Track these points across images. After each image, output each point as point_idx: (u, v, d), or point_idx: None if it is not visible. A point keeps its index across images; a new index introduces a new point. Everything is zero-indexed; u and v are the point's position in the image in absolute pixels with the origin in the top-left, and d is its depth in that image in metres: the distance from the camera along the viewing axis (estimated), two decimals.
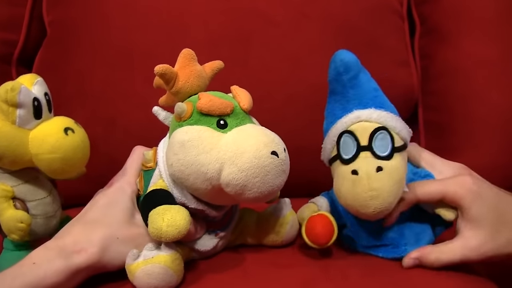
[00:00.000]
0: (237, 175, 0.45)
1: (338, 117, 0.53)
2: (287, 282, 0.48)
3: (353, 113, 0.52)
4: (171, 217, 0.44)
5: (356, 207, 0.49)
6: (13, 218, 0.48)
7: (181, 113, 0.48)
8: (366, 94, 0.53)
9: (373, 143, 0.50)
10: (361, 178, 0.48)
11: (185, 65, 0.51)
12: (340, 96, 0.53)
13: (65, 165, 0.48)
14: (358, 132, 0.51)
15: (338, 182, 0.51)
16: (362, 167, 0.48)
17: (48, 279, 0.43)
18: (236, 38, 0.80)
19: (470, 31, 0.85)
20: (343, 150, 0.51)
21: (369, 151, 0.50)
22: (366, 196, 0.47)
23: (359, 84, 0.53)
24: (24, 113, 0.47)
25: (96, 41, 0.81)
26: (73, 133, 0.49)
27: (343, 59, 0.52)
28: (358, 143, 0.50)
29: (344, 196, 0.49)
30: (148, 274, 0.45)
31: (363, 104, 0.52)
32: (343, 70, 0.52)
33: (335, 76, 0.53)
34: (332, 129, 0.53)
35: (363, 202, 0.48)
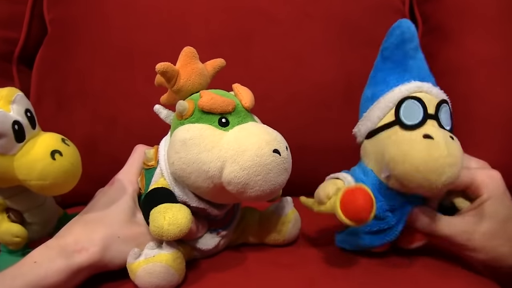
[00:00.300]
0: (238, 173, 0.44)
1: (393, 85, 0.50)
2: (289, 281, 0.48)
3: (413, 83, 0.49)
4: (173, 216, 0.44)
5: (427, 174, 0.44)
6: (8, 233, 0.48)
7: (182, 111, 0.48)
8: (424, 69, 0.51)
9: (439, 114, 0.48)
10: (438, 143, 0.44)
11: (187, 63, 0.51)
12: (397, 64, 0.50)
13: (57, 189, 0.46)
14: (425, 100, 0.48)
15: (402, 148, 0.46)
16: (437, 133, 0.45)
17: (49, 279, 0.42)
18: (238, 37, 0.79)
19: (473, 29, 0.85)
20: (405, 116, 0.48)
21: (435, 120, 0.47)
22: (444, 162, 0.43)
23: (419, 57, 0.51)
24: (4, 141, 0.43)
25: (97, 40, 0.80)
26: (61, 157, 0.45)
27: (410, 27, 0.50)
28: (425, 110, 0.47)
29: (415, 161, 0.44)
30: (150, 273, 0.44)
31: (421, 77, 0.50)
32: (409, 37, 0.50)
33: (398, 42, 0.50)
34: (385, 95, 0.50)
35: (440, 168, 0.43)
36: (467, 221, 0.50)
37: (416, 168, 0.44)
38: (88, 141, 0.76)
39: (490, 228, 0.49)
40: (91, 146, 0.76)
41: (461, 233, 0.49)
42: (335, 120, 0.78)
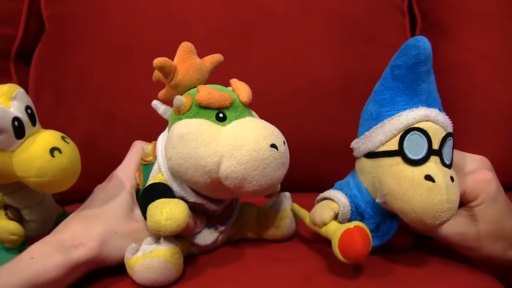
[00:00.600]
0: (236, 168, 0.44)
1: (401, 109, 0.48)
2: (287, 276, 0.48)
3: (420, 110, 0.47)
4: (170, 211, 0.44)
5: (424, 217, 0.44)
6: (4, 230, 0.48)
7: (180, 106, 0.48)
8: (433, 93, 0.49)
9: (443, 149, 0.46)
10: (439, 188, 0.44)
11: (184, 58, 0.50)
12: (407, 85, 0.47)
13: (56, 186, 0.46)
14: (430, 133, 0.46)
15: (403, 186, 0.45)
16: (439, 175, 0.44)
17: (46, 274, 0.42)
18: (237, 33, 0.79)
19: (471, 25, 0.85)
20: (409, 148, 0.46)
21: (438, 156, 0.46)
22: (441, 208, 0.43)
23: (431, 80, 0.48)
24: (4, 137, 0.43)
25: (95, 36, 0.80)
26: (60, 154, 0.44)
27: (427, 48, 0.46)
28: (430, 145, 0.46)
29: (413, 203, 0.44)
30: (147, 268, 0.44)
31: (429, 102, 0.48)
32: (424, 59, 0.46)
33: (412, 64, 0.46)
34: (391, 119, 0.48)
35: (436, 214, 0.44)
36: (460, 223, 0.50)
37: (413, 209, 0.44)
38: (87, 137, 0.76)
39: (483, 229, 0.50)
40: (90, 143, 0.76)
41: (455, 234, 0.50)
42: (334, 117, 0.78)
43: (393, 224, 0.51)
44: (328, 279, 0.47)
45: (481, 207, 0.49)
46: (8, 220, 0.49)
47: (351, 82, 0.78)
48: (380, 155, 0.48)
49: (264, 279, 0.48)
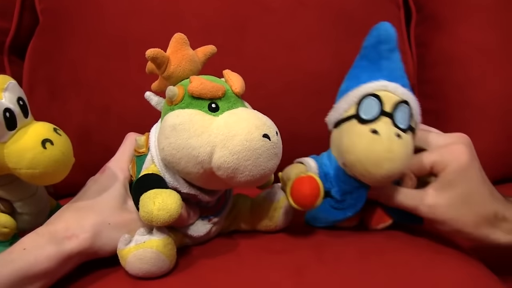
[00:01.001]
0: (228, 158, 0.44)
1: (363, 82, 0.53)
2: (280, 266, 0.48)
3: (380, 82, 0.52)
4: (162, 201, 0.44)
5: (367, 166, 0.48)
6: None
7: (172, 97, 0.48)
8: (396, 70, 0.53)
9: (395, 112, 0.50)
10: (381, 138, 0.48)
11: (177, 49, 0.50)
12: (371, 63, 0.54)
13: (47, 178, 0.46)
14: (384, 98, 0.51)
15: (352, 139, 0.50)
16: (384, 129, 0.49)
17: (39, 265, 0.42)
18: (232, 25, 0.79)
19: (466, 18, 0.85)
20: (363, 110, 0.51)
21: (390, 118, 0.50)
22: (383, 156, 0.48)
23: (393, 59, 0.53)
24: None
25: (89, 29, 0.80)
26: (52, 146, 0.44)
27: (388, 29, 0.53)
28: (382, 107, 0.50)
29: (358, 152, 0.49)
30: (140, 258, 0.44)
31: (391, 78, 0.52)
32: (384, 39, 0.53)
33: (374, 43, 0.53)
34: (353, 90, 0.53)
35: (378, 162, 0.48)
36: (429, 195, 0.51)
37: (358, 159, 0.49)
38: (81, 130, 0.76)
39: (452, 200, 0.50)
40: (85, 136, 0.76)
41: (424, 206, 0.51)
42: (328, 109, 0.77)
43: (361, 195, 0.53)
44: (322, 270, 0.47)
45: (450, 176, 0.50)
46: (0, 212, 0.49)
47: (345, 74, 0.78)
48: (342, 121, 0.53)
49: (258, 270, 0.48)
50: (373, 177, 0.49)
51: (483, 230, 0.51)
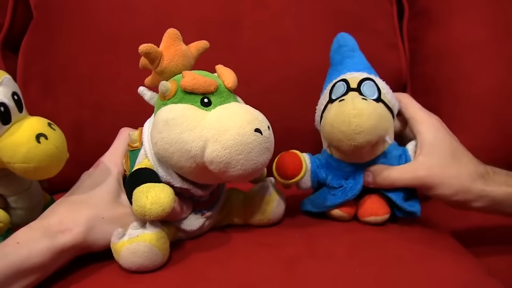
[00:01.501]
0: (220, 152, 0.45)
1: (334, 79, 0.59)
2: (272, 260, 0.48)
3: (347, 74, 0.59)
4: (155, 195, 0.44)
5: (339, 125, 0.51)
6: None
7: (165, 92, 0.48)
8: (360, 64, 0.60)
9: (362, 87, 0.56)
10: (346, 101, 0.52)
11: (170, 44, 0.50)
12: (337, 65, 0.61)
13: (41, 173, 0.46)
14: (350, 80, 0.57)
15: (325, 115, 0.55)
16: (349, 96, 0.54)
17: (32, 259, 0.42)
18: (226, 20, 0.79)
19: (459, 13, 0.85)
20: (334, 93, 0.57)
21: (356, 91, 0.55)
22: (349, 113, 0.51)
23: (356, 56, 0.61)
24: None
25: (83, 25, 0.80)
26: (46, 140, 0.45)
27: (344, 36, 0.63)
28: (348, 86, 0.56)
29: (330, 118, 0.53)
30: (133, 252, 0.45)
31: (356, 70, 0.59)
32: (343, 42, 0.62)
33: (335, 48, 0.63)
34: (326, 88, 0.60)
35: (346, 119, 0.51)
36: (419, 161, 0.55)
37: (331, 124, 0.53)
38: (75, 126, 0.76)
39: (442, 159, 0.55)
40: (78, 131, 0.76)
41: (420, 172, 0.54)
42: None
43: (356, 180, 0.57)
44: (315, 263, 0.48)
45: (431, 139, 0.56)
46: None
47: None
48: (323, 112, 0.57)
49: (251, 264, 0.48)
50: (348, 137, 0.51)
51: (479, 183, 0.54)
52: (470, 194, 0.54)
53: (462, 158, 0.56)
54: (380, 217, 0.56)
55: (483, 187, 0.54)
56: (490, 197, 0.54)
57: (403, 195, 0.57)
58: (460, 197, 0.54)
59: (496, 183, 0.54)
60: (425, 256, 0.50)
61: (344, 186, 0.57)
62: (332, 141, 0.54)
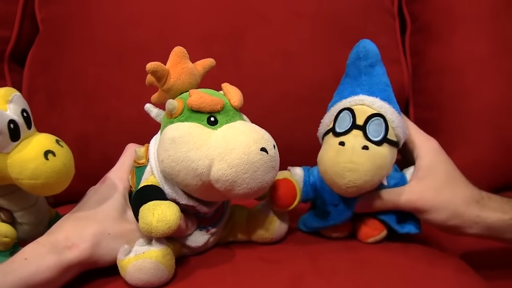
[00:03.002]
0: (226, 171, 0.45)
1: (344, 97, 0.56)
2: (276, 277, 0.49)
3: (358, 96, 0.54)
4: (162, 212, 0.45)
5: (332, 176, 0.51)
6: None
7: (172, 110, 0.48)
8: (376, 84, 0.55)
9: (368, 126, 0.52)
10: (345, 149, 0.50)
11: (177, 62, 0.51)
12: (352, 79, 0.56)
13: (48, 189, 0.46)
14: (357, 112, 0.53)
15: (323, 150, 0.53)
16: (350, 141, 0.51)
17: (40, 275, 0.43)
18: (229, 35, 0.80)
19: (461, 28, 0.86)
20: (338, 124, 0.54)
21: (361, 131, 0.52)
22: (344, 166, 0.50)
23: (374, 73, 0.55)
24: (0, 139, 0.44)
25: (88, 38, 0.81)
26: (54, 157, 0.45)
27: (366, 46, 0.55)
28: (354, 120, 0.53)
29: (325, 162, 0.52)
30: (139, 269, 0.45)
31: (370, 92, 0.55)
32: (363, 56, 0.55)
33: (353, 60, 0.56)
34: (335, 105, 0.56)
35: (340, 172, 0.50)
36: (413, 185, 0.55)
37: (325, 169, 0.52)
38: (79, 139, 0.77)
39: (436, 183, 0.54)
40: (83, 144, 0.77)
41: (412, 196, 0.54)
42: None
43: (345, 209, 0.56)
44: (318, 280, 0.48)
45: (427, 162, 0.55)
46: (0, 222, 0.49)
47: None
48: (325, 135, 0.56)
49: (255, 280, 0.48)
50: (339, 187, 0.51)
51: (473, 209, 0.53)
52: (464, 219, 0.53)
53: (457, 182, 0.55)
54: (378, 236, 0.56)
55: (478, 213, 0.53)
56: (486, 223, 0.53)
57: (396, 217, 0.56)
58: (454, 222, 0.53)
59: (491, 209, 0.53)
60: (428, 275, 0.50)
61: (333, 212, 0.56)
62: (325, 181, 0.53)
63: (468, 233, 0.54)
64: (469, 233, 0.54)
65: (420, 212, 0.54)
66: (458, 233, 0.55)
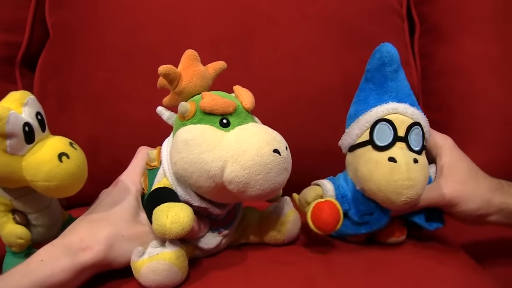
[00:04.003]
0: (239, 172, 0.45)
1: (372, 105, 0.54)
2: (290, 278, 0.49)
3: (390, 104, 0.53)
4: (175, 214, 0.45)
5: (388, 194, 0.50)
6: (12, 234, 0.49)
7: (184, 112, 0.49)
8: (403, 90, 0.54)
9: (409, 136, 0.52)
10: (399, 166, 0.49)
11: (189, 65, 0.51)
12: (377, 85, 0.54)
13: (62, 191, 0.47)
14: (396, 123, 0.52)
15: (370, 168, 0.51)
16: (400, 156, 0.50)
17: (55, 277, 0.43)
18: (238, 38, 0.80)
19: (469, 30, 0.86)
20: (377, 137, 0.52)
21: (404, 142, 0.52)
22: (402, 184, 0.49)
23: (399, 78, 0.54)
24: (15, 141, 0.44)
25: (98, 43, 0.81)
26: (68, 159, 0.46)
27: (390, 51, 0.53)
28: (395, 132, 0.52)
29: (377, 181, 0.50)
30: (153, 270, 0.45)
31: (399, 98, 0.54)
32: (388, 61, 0.53)
33: (378, 66, 0.54)
34: (364, 115, 0.54)
35: (398, 190, 0.49)
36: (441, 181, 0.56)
37: (378, 188, 0.50)
38: (90, 142, 0.77)
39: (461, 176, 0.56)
40: (93, 148, 0.77)
41: (445, 190, 0.55)
42: (333, 121, 0.78)
43: (381, 216, 0.55)
44: (331, 281, 0.48)
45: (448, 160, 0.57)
46: (15, 224, 0.50)
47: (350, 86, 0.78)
48: (357, 146, 0.54)
49: (267, 281, 0.49)
50: (394, 204, 0.50)
51: (498, 196, 0.55)
52: (491, 207, 0.55)
53: (478, 174, 0.57)
54: (402, 238, 0.57)
55: (503, 199, 0.55)
56: (510, 208, 0.55)
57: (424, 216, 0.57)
58: (483, 211, 0.55)
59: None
60: (440, 276, 0.50)
61: (370, 220, 0.55)
62: (375, 199, 0.52)
63: (492, 220, 0.56)
64: (493, 221, 0.56)
65: (452, 205, 0.55)
66: (483, 222, 0.57)
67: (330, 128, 0.78)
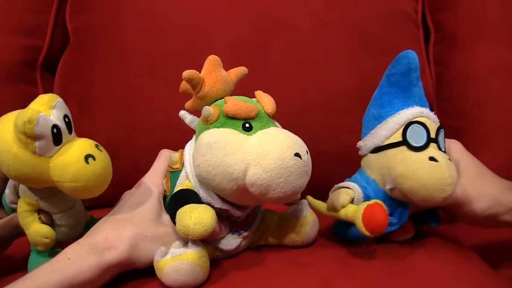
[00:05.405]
0: (261, 175, 0.46)
1: (399, 109, 0.56)
2: (308, 279, 0.49)
3: (416, 108, 0.56)
4: (198, 215, 0.46)
5: (431, 191, 0.51)
6: (38, 233, 0.50)
7: (208, 116, 0.50)
8: (422, 96, 0.58)
9: (438, 138, 0.55)
10: (441, 165, 0.51)
11: (211, 70, 0.53)
12: (402, 90, 0.56)
13: (88, 192, 0.48)
14: (428, 124, 0.54)
15: (411, 167, 0.52)
16: (440, 156, 0.52)
17: (82, 275, 0.44)
18: (256, 45, 0.81)
19: (484, 37, 0.87)
20: (411, 138, 0.54)
21: (436, 143, 0.54)
22: (445, 182, 0.50)
23: (420, 85, 0.57)
24: (43, 143, 0.45)
25: (118, 47, 0.83)
26: (94, 161, 0.47)
27: (415, 57, 0.56)
28: (429, 134, 0.54)
29: (422, 179, 0.51)
30: (176, 270, 0.46)
31: (421, 103, 0.57)
32: (414, 67, 0.56)
33: (405, 71, 0.56)
34: (393, 117, 0.56)
35: (441, 187, 0.51)
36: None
37: (423, 186, 0.51)
38: (109, 145, 0.76)
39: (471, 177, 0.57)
40: (113, 151, 0.76)
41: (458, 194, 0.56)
42: (350, 126, 0.79)
43: (403, 214, 0.57)
44: (349, 283, 0.49)
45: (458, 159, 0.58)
46: (41, 224, 0.51)
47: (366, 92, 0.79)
48: (386, 147, 0.56)
49: (286, 282, 0.49)
50: (435, 201, 0.52)
51: (508, 195, 0.56)
52: (502, 206, 0.56)
53: (487, 174, 0.59)
54: (411, 235, 0.59)
55: None
56: None
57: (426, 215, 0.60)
58: (493, 210, 0.56)
59: None
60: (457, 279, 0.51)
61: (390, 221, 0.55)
62: (414, 197, 0.53)
63: (504, 220, 0.57)
64: (505, 221, 0.57)
65: (463, 205, 0.56)
66: (494, 223, 0.57)
67: (347, 133, 0.78)
